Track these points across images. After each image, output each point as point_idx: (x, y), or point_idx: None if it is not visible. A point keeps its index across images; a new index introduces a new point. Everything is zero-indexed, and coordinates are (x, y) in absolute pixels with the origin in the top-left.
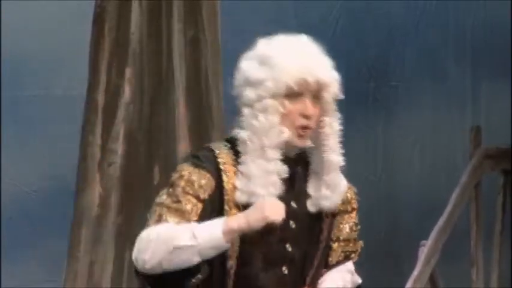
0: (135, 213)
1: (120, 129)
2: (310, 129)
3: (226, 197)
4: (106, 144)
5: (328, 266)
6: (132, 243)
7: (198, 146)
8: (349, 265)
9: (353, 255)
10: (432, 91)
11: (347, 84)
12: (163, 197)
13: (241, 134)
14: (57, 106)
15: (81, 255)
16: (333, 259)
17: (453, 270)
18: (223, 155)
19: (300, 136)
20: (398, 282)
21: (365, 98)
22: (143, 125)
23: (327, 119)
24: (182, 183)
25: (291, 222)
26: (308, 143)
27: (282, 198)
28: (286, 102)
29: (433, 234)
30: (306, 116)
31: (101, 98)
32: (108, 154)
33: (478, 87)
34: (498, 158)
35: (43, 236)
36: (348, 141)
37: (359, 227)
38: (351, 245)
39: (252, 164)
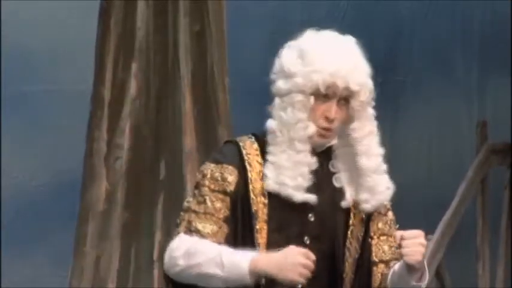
0: (141, 208)
1: (126, 123)
2: (331, 131)
3: (251, 186)
4: (112, 139)
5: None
6: (139, 238)
7: (204, 140)
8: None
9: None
10: (439, 85)
11: None
12: (190, 201)
13: (271, 123)
14: (63, 101)
15: (88, 250)
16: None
17: (459, 264)
18: (247, 146)
19: (321, 135)
20: None
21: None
22: (149, 120)
23: (355, 124)
24: (206, 182)
25: (310, 215)
26: (329, 141)
27: (307, 190)
28: (312, 100)
29: (439, 228)
30: (328, 119)
31: (107, 93)
32: (114, 149)
33: (485, 81)
34: (505, 152)
35: (50, 230)
36: None
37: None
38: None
39: (281, 155)
